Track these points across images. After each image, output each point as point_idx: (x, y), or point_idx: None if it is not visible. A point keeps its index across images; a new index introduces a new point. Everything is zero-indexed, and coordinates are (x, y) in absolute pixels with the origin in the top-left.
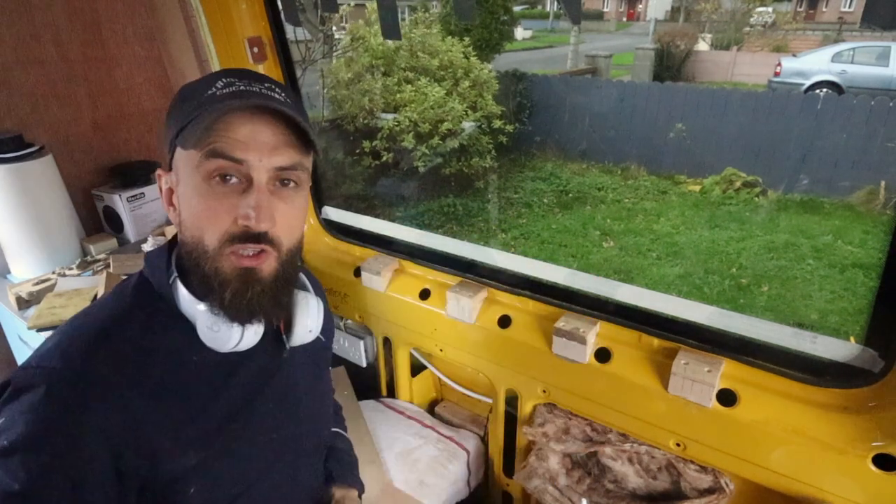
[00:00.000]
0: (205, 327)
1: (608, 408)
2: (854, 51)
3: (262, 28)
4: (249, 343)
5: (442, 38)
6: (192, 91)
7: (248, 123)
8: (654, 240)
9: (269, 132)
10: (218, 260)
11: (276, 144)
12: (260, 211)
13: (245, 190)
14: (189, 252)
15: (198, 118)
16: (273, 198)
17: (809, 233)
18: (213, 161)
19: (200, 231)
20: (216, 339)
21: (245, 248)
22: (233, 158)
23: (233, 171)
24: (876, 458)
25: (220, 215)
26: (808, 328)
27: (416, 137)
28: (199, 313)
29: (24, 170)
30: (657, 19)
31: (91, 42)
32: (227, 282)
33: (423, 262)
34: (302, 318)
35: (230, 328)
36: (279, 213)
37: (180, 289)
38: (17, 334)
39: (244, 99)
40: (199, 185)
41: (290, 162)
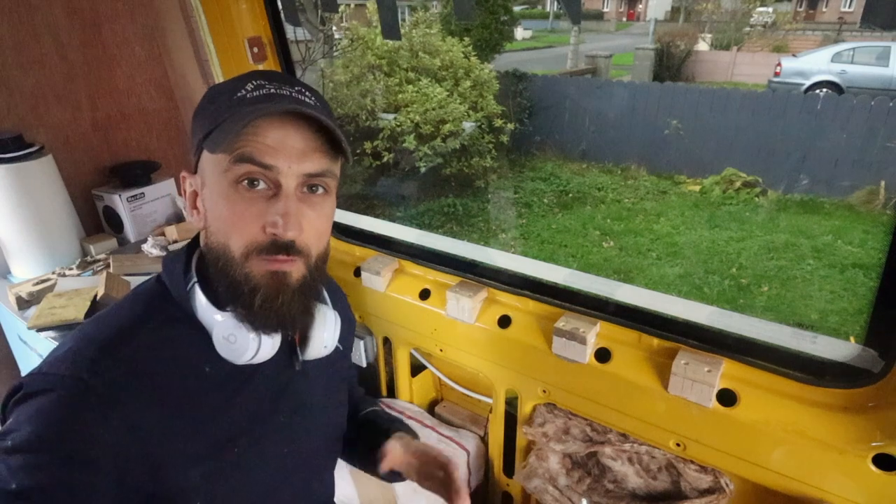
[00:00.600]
0: (221, 337)
1: (608, 408)
2: (854, 51)
3: (262, 28)
4: (266, 356)
5: (442, 38)
6: (221, 92)
7: (279, 128)
8: (654, 240)
9: (300, 137)
10: (246, 266)
11: (306, 150)
12: (288, 218)
13: (273, 196)
14: (216, 258)
15: (227, 121)
16: (301, 205)
17: (809, 233)
18: (241, 166)
19: (226, 237)
20: (232, 350)
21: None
22: (262, 164)
23: (261, 176)
24: (876, 458)
25: (246, 222)
26: (808, 328)
27: (418, 138)
28: (216, 323)
29: (24, 170)
30: (657, 19)
31: (91, 42)
32: (257, 287)
33: (423, 262)
34: (318, 332)
35: (247, 339)
36: (307, 221)
37: (198, 296)
38: (17, 334)
39: (275, 102)
40: (226, 190)
41: (320, 168)
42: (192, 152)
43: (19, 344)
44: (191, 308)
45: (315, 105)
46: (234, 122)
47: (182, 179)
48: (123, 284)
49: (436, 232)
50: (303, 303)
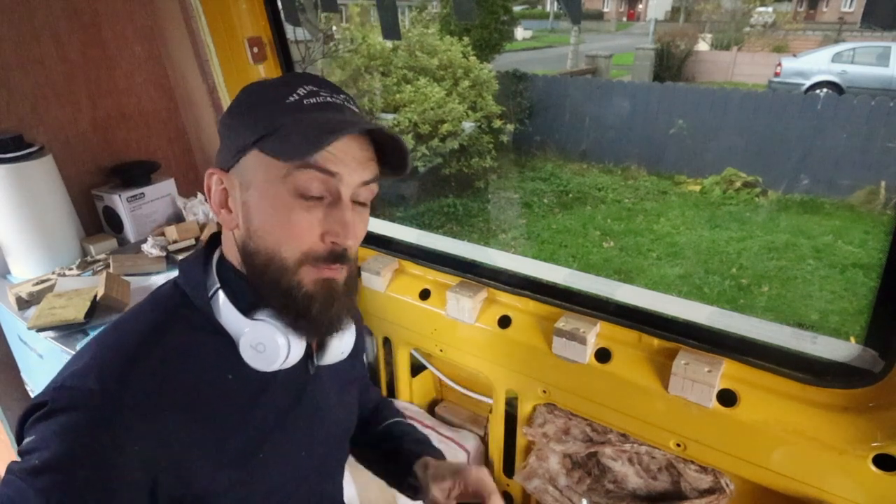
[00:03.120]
0: (248, 346)
1: (608, 408)
2: (854, 51)
3: (262, 28)
4: (293, 361)
5: (440, 37)
6: (266, 94)
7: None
8: (655, 240)
9: (358, 147)
10: (298, 273)
11: (364, 159)
12: (347, 228)
13: (331, 205)
14: (263, 265)
15: (290, 127)
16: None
17: (810, 233)
18: (306, 172)
19: (277, 244)
20: (261, 358)
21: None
22: (328, 171)
23: (323, 184)
24: (876, 458)
25: (304, 230)
26: (808, 328)
27: (416, 138)
28: (244, 331)
29: (24, 170)
30: (657, 19)
31: (91, 42)
32: (312, 295)
33: (423, 262)
34: (336, 338)
35: (276, 347)
36: (358, 229)
37: (222, 303)
38: (17, 334)
39: (340, 113)
40: (282, 196)
41: (373, 175)
42: (229, 151)
43: (19, 344)
44: (212, 315)
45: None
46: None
47: (208, 176)
48: (123, 284)
49: (436, 232)
50: (348, 306)
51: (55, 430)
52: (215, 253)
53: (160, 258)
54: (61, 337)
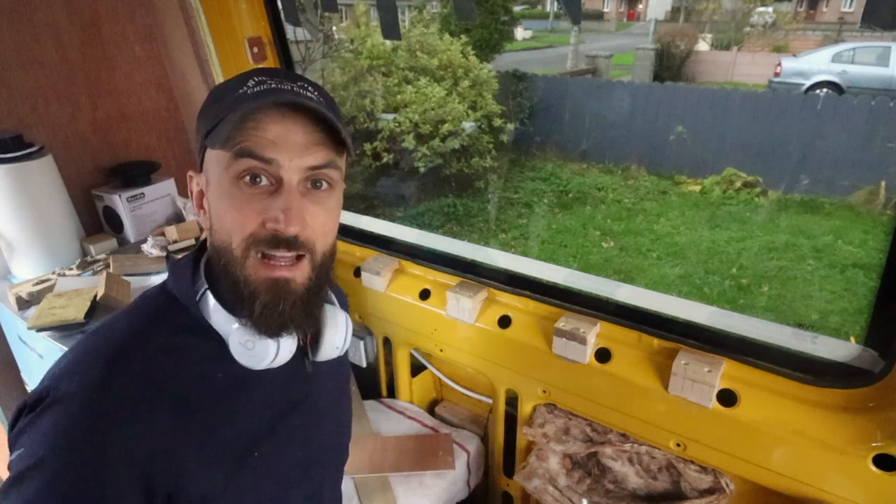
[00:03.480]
0: (238, 344)
1: (608, 408)
2: (854, 51)
3: (262, 28)
4: (284, 359)
5: (440, 37)
6: (224, 90)
7: (279, 122)
8: (655, 240)
9: (300, 131)
10: (245, 267)
11: (308, 143)
12: (289, 213)
13: (275, 191)
14: (219, 257)
15: (228, 117)
16: (304, 200)
17: (810, 233)
18: (242, 161)
19: (228, 235)
20: (251, 356)
21: (279, 256)
22: (262, 158)
23: (262, 171)
24: (876, 458)
25: (247, 217)
26: (808, 328)
27: (417, 138)
28: (232, 330)
29: (24, 170)
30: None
31: (91, 42)
32: (257, 292)
33: (423, 263)
34: (330, 334)
35: (266, 345)
36: (310, 216)
37: (210, 302)
38: (17, 334)
39: (275, 96)
40: (228, 187)
41: (323, 161)
42: (197, 151)
43: (19, 344)
44: (201, 315)
45: (317, 100)
46: (233, 117)
47: (189, 179)
48: (123, 284)
49: (436, 232)
50: (305, 309)
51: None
52: (204, 255)
53: (160, 258)
54: (61, 337)
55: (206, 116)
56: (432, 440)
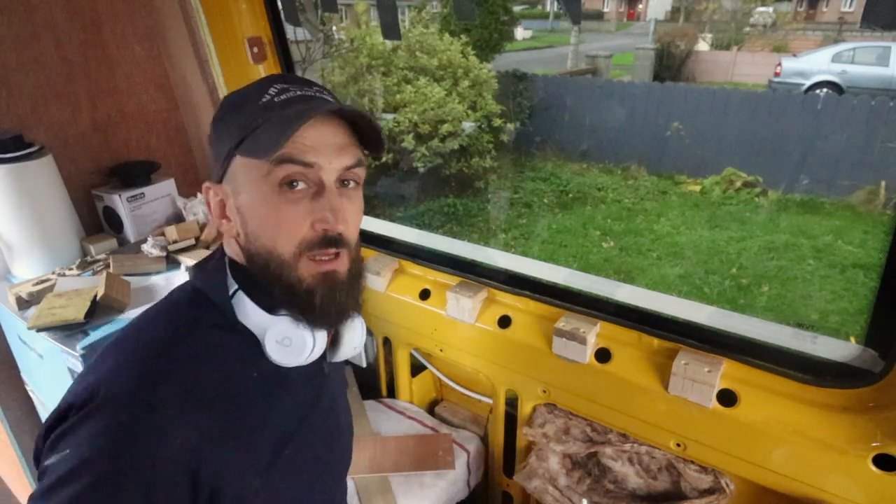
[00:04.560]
0: (274, 342)
1: (608, 408)
2: (854, 51)
3: (262, 28)
4: (318, 354)
5: (440, 37)
6: (243, 99)
7: (314, 128)
8: (655, 240)
9: (332, 133)
10: (297, 268)
11: (342, 145)
12: (336, 213)
13: (316, 194)
14: (264, 263)
15: (262, 127)
16: (341, 198)
17: (810, 233)
18: (283, 167)
19: (273, 241)
20: (287, 352)
21: (324, 253)
22: (304, 162)
23: (303, 175)
24: (876, 458)
25: (294, 222)
26: (808, 328)
27: (417, 138)
28: (270, 327)
29: (24, 170)
30: (657, 19)
31: (91, 42)
32: (313, 288)
33: (423, 263)
34: (349, 334)
35: (302, 339)
36: (347, 213)
37: (246, 303)
38: (17, 334)
39: (308, 104)
40: (269, 194)
41: (354, 160)
42: (217, 162)
43: (19, 344)
44: (233, 314)
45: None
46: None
47: (205, 191)
48: (123, 284)
49: (436, 232)
50: (354, 295)
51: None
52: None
53: (160, 258)
54: (61, 337)
55: (230, 126)
56: (432, 440)
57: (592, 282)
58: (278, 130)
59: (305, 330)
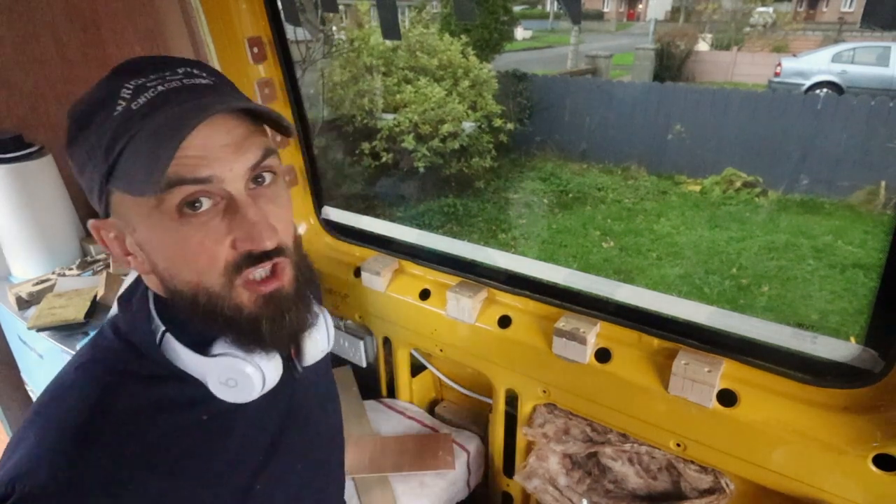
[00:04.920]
0: (219, 384)
1: (608, 408)
2: (854, 51)
3: (262, 28)
4: (273, 382)
5: (440, 37)
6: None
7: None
8: (655, 240)
9: (224, 131)
10: (232, 297)
11: (240, 140)
12: (257, 227)
13: (227, 208)
14: (193, 299)
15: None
16: (259, 204)
17: (810, 233)
18: (173, 192)
19: (196, 274)
20: (236, 392)
21: (256, 270)
22: (197, 180)
23: (203, 193)
24: (876, 458)
25: (210, 249)
26: (808, 328)
27: (417, 138)
28: (208, 371)
29: (24, 170)
30: (657, 19)
31: (91, 42)
32: (257, 315)
33: (423, 263)
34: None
35: (248, 378)
36: (273, 217)
37: (174, 346)
38: (17, 334)
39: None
40: (169, 225)
41: (261, 154)
42: (91, 196)
43: (19, 344)
44: (167, 360)
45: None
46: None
47: (94, 230)
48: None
49: (436, 232)
50: (306, 306)
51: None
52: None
53: None
54: (61, 337)
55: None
56: (432, 440)
57: (592, 282)
58: (148, 159)
59: (249, 366)
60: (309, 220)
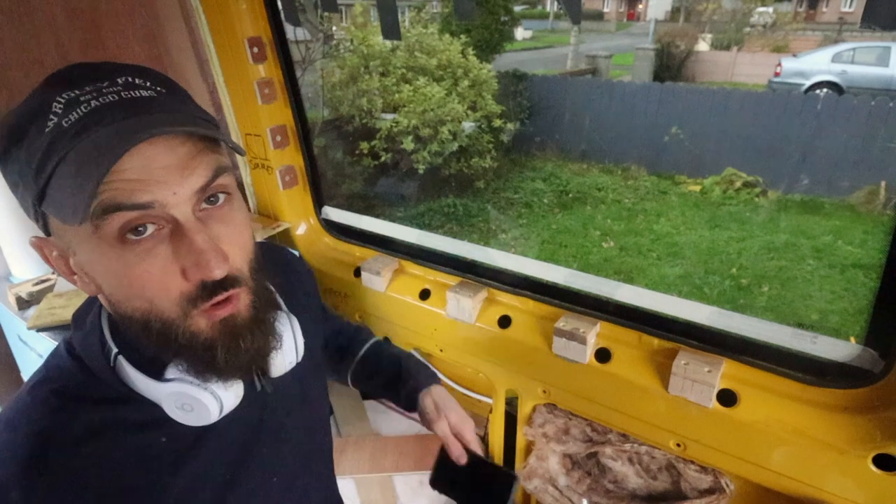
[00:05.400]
0: (175, 408)
1: (608, 408)
2: (854, 51)
3: (262, 28)
4: (232, 406)
5: (440, 37)
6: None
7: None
8: (655, 240)
9: (165, 150)
10: (188, 325)
11: (185, 161)
12: (205, 256)
13: (172, 234)
14: (143, 326)
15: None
16: (210, 226)
17: (809, 233)
18: (111, 218)
19: (146, 301)
20: (193, 416)
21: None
22: (137, 206)
23: (146, 218)
24: (876, 458)
25: (159, 278)
26: (808, 328)
27: (416, 139)
28: (162, 396)
29: None
30: (657, 19)
31: (91, 42)
32: (213, 342)
33: (423, 263)
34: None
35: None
36: (225, 241)
37: (128, 370)
38: (17, 334)
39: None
40: (110, 253)
41: (210, 174)
42: (29, 214)
43: (19, 344)
44: (119, 382)
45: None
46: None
47: (36, 247)
48: None
49: (436, 232)
50: (263, 330)
51: None
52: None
53: None
54: (61, 337)
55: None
56: (432, 440)
57: (592, 282)
58: (75, 186)
59: (205, 392)
60: (309, 220)
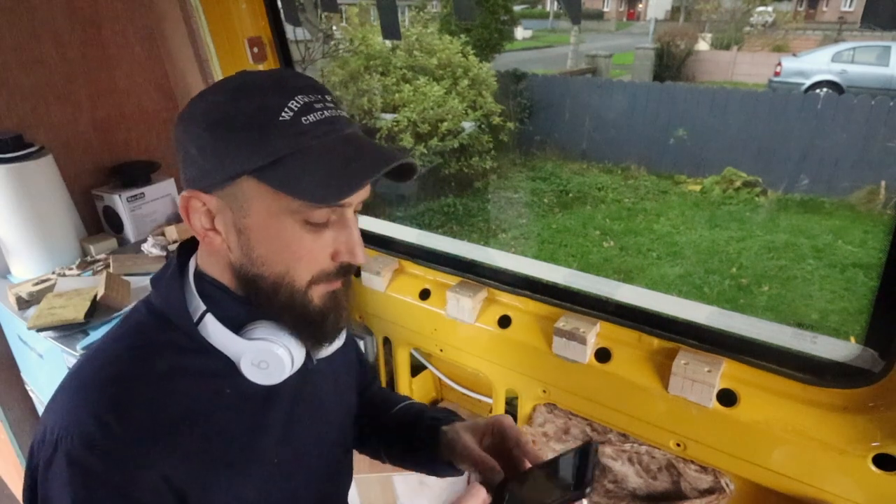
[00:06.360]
0: (251, 365)
1: (608, 408)
2: (854, 51)
3: (262, 28)
4: (297, 367)
5: (439, 36)
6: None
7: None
8: (655, 240)
9: None
10: (308, 295)
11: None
12: (359, 247)
13: (338, 224)
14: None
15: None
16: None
17: (809, 233)
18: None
19: (286, 269)
20: (266, 374)
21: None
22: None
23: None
24: (876, 458)
25: (316, 253)
26: (808, 328)
27: (416, 137)
28: (243, 352)
29: (24, 170)
30: (657, 19)
31: (91, 42)
32: (325, 312)
33: (423, 262)
34: None
35: (280, 361)
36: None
37: (216, 328)
38: (17, 334)
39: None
40: (290, 227)
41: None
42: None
43: (19, 344)
44: (201, 337)
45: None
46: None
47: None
48: (123, 284)
49: (436, 232)
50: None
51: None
52: (189, 267)
53: (160, 258)
54: (61, 337)
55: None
56: None
57: (592, 281)
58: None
59: (283, 350)
60: None
